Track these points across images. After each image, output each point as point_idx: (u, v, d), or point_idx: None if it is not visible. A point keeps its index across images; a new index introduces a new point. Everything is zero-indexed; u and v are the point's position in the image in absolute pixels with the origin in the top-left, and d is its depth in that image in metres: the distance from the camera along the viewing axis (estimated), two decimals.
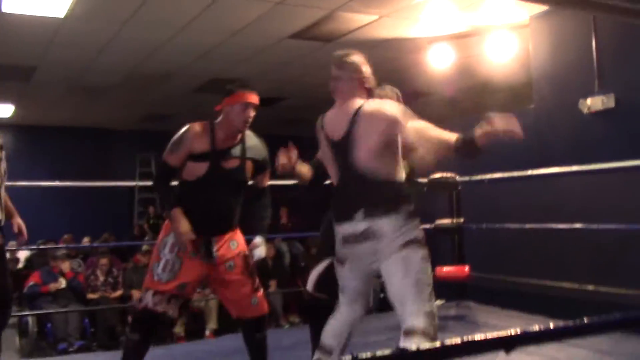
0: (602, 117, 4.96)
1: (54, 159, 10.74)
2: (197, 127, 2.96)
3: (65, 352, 6.23)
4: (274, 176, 4.38)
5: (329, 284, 3.12)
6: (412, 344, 1.95)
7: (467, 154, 2.40)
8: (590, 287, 4.46)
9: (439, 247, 5.62)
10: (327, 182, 2.96)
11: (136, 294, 6.97)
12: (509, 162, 5.50)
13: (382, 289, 2.85)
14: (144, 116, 10.73)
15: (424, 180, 5.10)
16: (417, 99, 8.59)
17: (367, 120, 2.50)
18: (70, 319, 6.67)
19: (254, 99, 2.95)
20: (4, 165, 3.23)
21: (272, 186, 3.29)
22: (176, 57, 7.12)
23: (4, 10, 5.36)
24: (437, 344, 0.89)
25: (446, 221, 5.41)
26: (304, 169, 2.93)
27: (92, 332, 6.85)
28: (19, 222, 3.34)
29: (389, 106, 2.55)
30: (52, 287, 6.83)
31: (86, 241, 8.77)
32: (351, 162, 2.53)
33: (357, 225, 2.45)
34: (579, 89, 5.13)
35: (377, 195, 2.47)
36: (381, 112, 2.50)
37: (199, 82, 8.32)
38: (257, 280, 3.10)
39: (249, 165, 3.05)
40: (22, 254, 8.64)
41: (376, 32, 6.29)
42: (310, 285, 3.19)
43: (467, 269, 5.14)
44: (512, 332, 0.93)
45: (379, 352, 0.83)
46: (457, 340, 0.91)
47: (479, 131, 2.28)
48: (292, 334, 3.50)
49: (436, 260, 5.45)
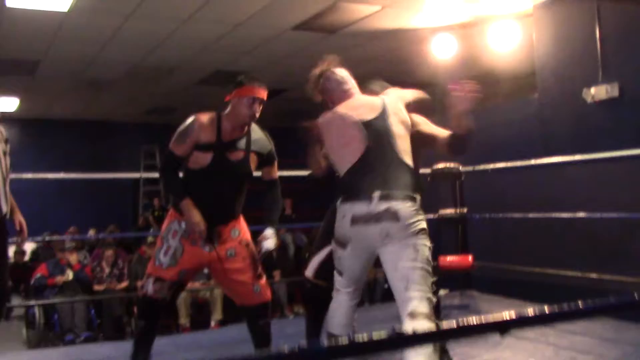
0: (606, 106, 4.95)
1: (59, 152, 10.77)
2: (203, 117, 2.98)
3: (71, 343, 6.27)
4: (280, 167, 4.40)
5: (329, 271, 3.14)
6: (418, 326, 1.99)
7: (458, 148, 2.71)
8: (593, 275, 4.47)
9: (443, 237, 5.64)
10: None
11: (140, 284, 6.99)
12: (513, 151, 5.51)
13: (386, 279, 2.87)
14: (148, 109, 10.74)
15: (428, 170, 5.11)
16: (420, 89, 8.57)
17: (394, 107, 2.65)
18: (76, 310, 6.70)
19: (262, 94, 2.97)
20: (8, 159, 3.25)
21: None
22: (180, 50, 7.12)
23: (8, 5, 5.38)
24: (435, 327, 0.91)
25: (450, 211, 5.43)
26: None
27: (99, 323, 6.89)
28: (20, 219, 3.32)
29: (407, 94, 2.80)
30: (59, 280, 6.86)
31: (91, 233, 8.81)
32: (385, 141, 2.57)
33: (376, 205, 2.46)
34: (583, 78, 5.12)
35: (402, 178, 2.52)
36: (406, 98, 2.73)
37: (202, 74, 8.32)
38: (260, 268, 3.13)
39: (253, 157, 3.07)
40: (28, 247, 8.69)
41: (379, 23, 6.28)
42: (310, 271, 3.21)
43: (470, 258, 5.15)
44: (506, 316, 0.94)
45: (376, 335, 0.84)
46: (453, 323, 0.92)
47: (453, 122, 2.58)
48: (296, 324, 3.52)
49: (440, 250, 5.49)
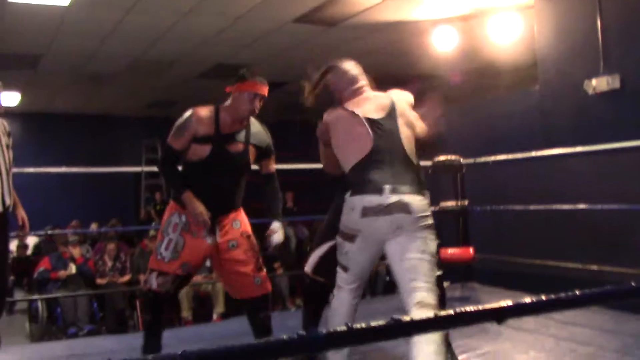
0: (607, 97, 4.94)
1: (61, 146, 10.79)
2: (201, 111, 2.99)
3: (74, 336, 6.31)
4: (281, 160, 4.39)
5: (329, 267, 3.14)
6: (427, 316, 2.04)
7: (426, 147, 2.87)
8: (594, 267, 4.48)
9: (444, 230, 5.63)
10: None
11: (144, 278, 7.02)
12: (514, 143, 5.50)
13: (388, 272, 2.88)
14: (149, 103, 10.75)
15: (429, 163, 5.11)
16: (421, 82, 8.56)
17: (401, 106, 2.68)
18: (79, 303, 6.74)
19: (264, 90, 2.99)
20: (11, 153, 3.27)
21: (278, 170, 3.31)
22: (180, 43, 7.12)
23: None
24: (431, 315, 0.92)
25: (451, 203, 5.43)
26: None
27: (101, 317, 6.92)
28: (22, 214, 3.32)
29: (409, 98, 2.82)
30: (62, 274, 6.88)
31: (94, 227, 8.83)
32: (392, 141, 2.60)
33: (387, 197, 2.48)
34: (584, 69, 5.11)
35: (410, 175, 2.55)
36: (408, 102, 2.75)
37: (203, 68, 8.32)
38: (260, 260, 3.14)
39: (252, 150, 3.09)
40: (31, 241, 8.71)
41: (380, 15, 6.26)
42: (309, 267, 3.21)
43: (471, 250, 5.16)
44: (503, 304, 0.95)
45: (373, 323, 0.85)
46: (450, 311, 0.93)
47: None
48: (298, 316, 3.52)
49: (441, 242, 5.48)
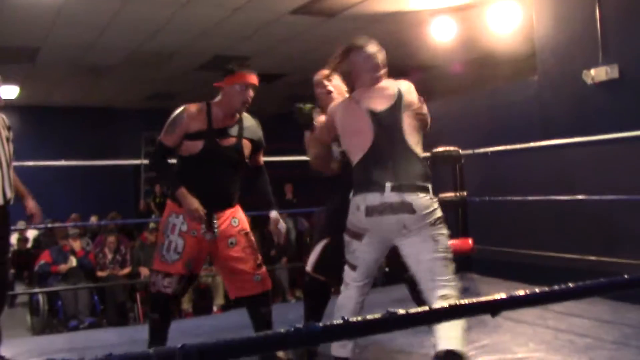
0: (606, 87, 4.93)
1: (60, 139, 10.78)
2: (192, 108, 2.99)
3: (75, 329, 6.33)
4: (281, 152, 4.37)
5: (328, 265, 3.15)
6: None
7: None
8: (592, 258, 4.49)
9: None
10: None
11: (144, 271, 7.05)
12: (513, 134, 5.50)
13: (388, 264, 2.88)
14: (148, 95, 10.73)
15: (428, 154, 5.10)
16: (420, 72, 8.55)
17: (408, 98, 2.63)
18: (80, 296, 6.76)
19: (254, 80, 2.97)
20: (11, 146, 3.27)
21: (277, 162, 3.31)
22: (178, 35, 7.10)
23: None
24: (427, 308, 0.93)
25: (450, 194, 5.42)
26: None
27: (102, 309, 6.94)
28: (31, 205, 3.31)
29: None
30: (63, 268, 6.90)
31: (93, 220, 8.84)
32: (394, 134, 2.56)
33: (389, 197, 2.46)
34: (583, 59, 5.10)
35: (412, 169, 2.52)
36: (415, 94, 2.69)
37: (202, 59, 8.31)
38: (260, 257, 3.14)
39: (247, 144, 3.08)
40: (30, 234, 8.72)
41: (378, 6, 6.24)
42: (310, 265, 3.22)
43: (470, 241, 5.16)
44: (497, 296, 0.95)
45: (369, 316, 0.86)
46: (444, 304, 0.93)
47: None
48: (298, 308, 3.53)
49: None
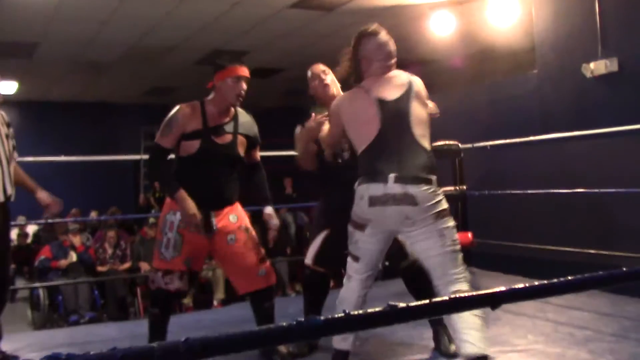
0: (606, 81, 4.94)
1: (59, 134, 10.76)
2: (186, 108, 2.98)
3: (76, 323, 6.34)
4: (280, 147, 4.36)
5: (328, 257, 3.16)
6: None
7: None
8: (591, 251, 4.50)
9: None
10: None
11: (144, 265, 7.06)
12: (512, 127, 5.50)
13: (387, 257, 2.88)
14: (147, 90, 10.72)
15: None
16: (419, 67, 8.54)
17: (419, 89, 2.64)
18: (80, 291, 6.77)
19: (245, 72, 2.97)
20: (11, 142, 3.26)
21: (277, 157, 3.31)
22: (177, 30, 7.09)
23: None
24: (427, 301, 0.93)
25: (449, 188, 5.42)
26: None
27: (102, 304, 6.95)
28: (43, 196, 3.28)
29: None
30: (63, 263, 6.91)
31: (93, 215, 8.84)
32: (402, 124, 2.54)
33: (392, 187, 2.44)
34: (582, 53, 5.10)
35: (417, 161, 2.50)
36: (423, 87, 2.69)
37: (200, 54, 8.30)
38: (262, 251, 3.13)
39: (242, 140, 3.07)
40: (30, 229, 8.73)
41: (377, 0, 6.24)
42: (309, 258, 3.23)
43: (470, 235, 5.17)
44: (497, 290, 0.95)
45: (370, 310, 0.86)
46: (445, 297, 0.94)
47: None
48: (298, 302, 3.55)
49: None
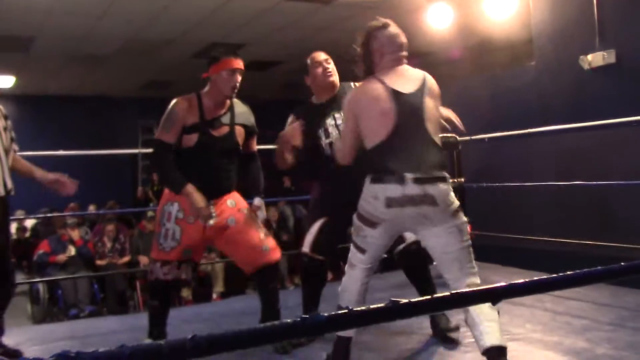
0: (603, 73, 4.94)
1: (56, 128, 10.75)
2: (183, 101, 3.01)
3: (76, 317, 6.36)
4: (276, 139, 4.35)
5: (325, 245, 3.18)
6: None
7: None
8: (590, 242, 4.51)
9: None
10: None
11: (143, 259, 7.08)
12: (510, 119, 5.51)
13: (388, 250, 2.90)
14: (144, 83, 10.70)
15: None
16: (416, 59, 8.53)
17: (432, 85, 2.61)
18: (79, 285, 6.78)
19: (240, 64, 3.00)
20: (9, 135, 3.26)
21: (274, 150, 3.32)
22: (174, 23, 7.08)
23: None
24: (429, 297, 0.94)
25: None
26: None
27: (102, 298, 6.97)
28: (50, 177, 3.17)
29: None
30: (61, 258, 6.91)
31: (92, 209, 8.84)
32: (416, 119, 2.51)
33: (411, 189, 2.40)
34: (580, 45, 5.10)
35: (432, 158, 2.48)
36: (436, 85, 2.65)
37: (198, 48, 8.28)
38: (265, 228, 3.16)
39: (240, 130, 3.11)
40: (28, 223, 8.73)
41: None
42: (306, 246, 3.24)
43: (469, 227, 5.18)
44: (497, 285, 0.96)
45: (373, 306, 0.87)
46: (446, 293, 0.95)
47: None
48: (297, 295, 3.56)
49: None
